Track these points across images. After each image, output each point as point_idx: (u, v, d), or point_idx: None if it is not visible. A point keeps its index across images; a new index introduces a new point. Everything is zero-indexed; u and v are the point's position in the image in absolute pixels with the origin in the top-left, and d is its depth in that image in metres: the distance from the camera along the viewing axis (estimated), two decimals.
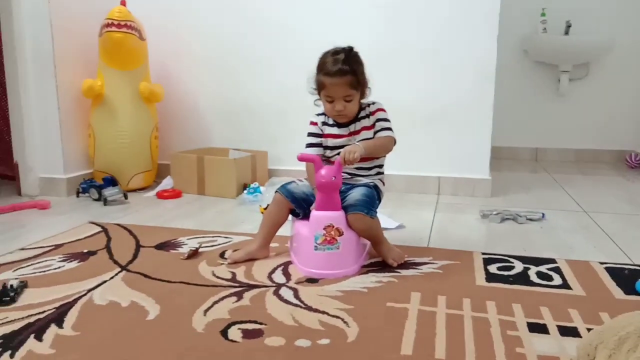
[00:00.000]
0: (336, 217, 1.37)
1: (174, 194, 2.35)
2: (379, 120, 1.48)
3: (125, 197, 2.23)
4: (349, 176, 1.51)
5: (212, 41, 2.60)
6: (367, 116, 1.49)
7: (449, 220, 1.95)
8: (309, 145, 1.52)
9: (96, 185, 2.26)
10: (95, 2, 2.42)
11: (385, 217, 1.84)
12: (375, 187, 1.50)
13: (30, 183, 2.36)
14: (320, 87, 1.44)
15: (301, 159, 1.43)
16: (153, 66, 2.54)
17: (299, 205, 1.47)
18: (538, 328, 1.07)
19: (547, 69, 3.42)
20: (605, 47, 3.25)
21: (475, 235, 1.77)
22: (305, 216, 1.45)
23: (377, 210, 1.47)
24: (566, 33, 3.30)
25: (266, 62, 2.54)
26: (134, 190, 2.41)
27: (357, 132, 1.49)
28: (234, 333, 1.05)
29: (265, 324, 1.09)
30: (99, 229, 1.80)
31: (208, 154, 2.44)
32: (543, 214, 1.96)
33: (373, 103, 1.51)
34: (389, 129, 1.49)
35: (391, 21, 2.36)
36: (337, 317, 1.12)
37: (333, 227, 1.37)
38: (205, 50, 2.62)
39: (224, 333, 1.05)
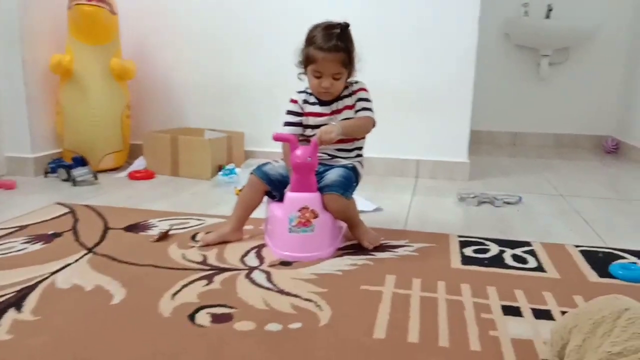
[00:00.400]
0: (311, 198, 1.34)
1: (147, 174, 2.28)
2: (360, 100, 1.44)
3: (96, 177, 2.16)
4: (329, 157, 1.47)
5: (188, 19, 2.50)
6: (350, 95, 1.45)
7: (427, 204, 1.94)
8: (287, 124, 1.47)
9: (65, 165, 2.17)
10: None
11: (363, 199, 1.81)
12: (354, 168, 1.46)
13: None
14: (308, 61, 1.38)
15: (277, 138, 1.39)
16: (125, 43, 2.44)
17: (275, 187, 1.43)
18: (512, 311, 1.06)
19: (528, 53, 3.41)
20: (586, 32, 3.25)
21: (452, 219, 1.76)
22: (282, 198, 1.40)
23: (355, 192, 1.44)
24: (547, 17, 3.29)
25: (244, 42, 2.46)
26: (105, 171, 2.33)
27: (339, 111, 1.44)
28: (202, 318, 1.01)
29: (236, 308, 1.05)
30: (66, 210, 1.74)
31: (183, 134, 2.37)
32: (520, 198, 1.96)
33: (356, 82, 1.46)
34: (369, 109, 1.44)
35: (373, 3, 2.31)
36: (310, 300, 1.09)
37: (308, 209, 1.33)
38: (182, 27, 2.52)
39: (192, 317, 1.01)
